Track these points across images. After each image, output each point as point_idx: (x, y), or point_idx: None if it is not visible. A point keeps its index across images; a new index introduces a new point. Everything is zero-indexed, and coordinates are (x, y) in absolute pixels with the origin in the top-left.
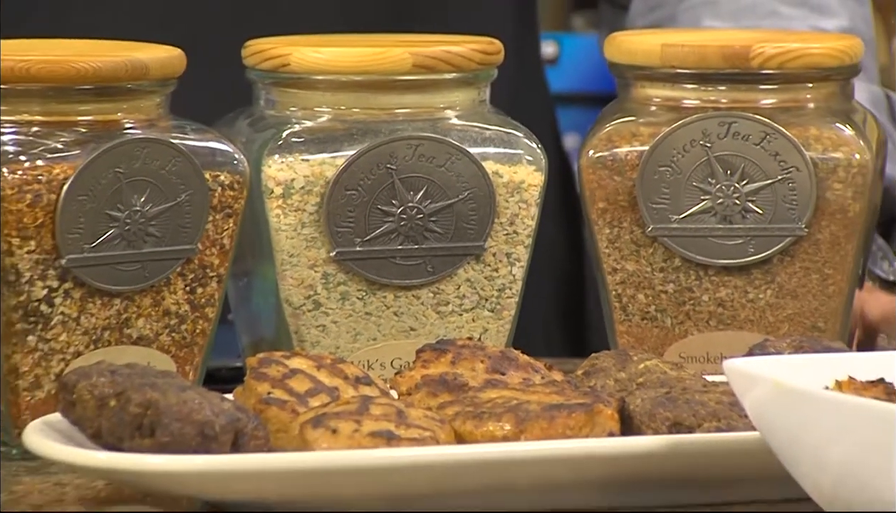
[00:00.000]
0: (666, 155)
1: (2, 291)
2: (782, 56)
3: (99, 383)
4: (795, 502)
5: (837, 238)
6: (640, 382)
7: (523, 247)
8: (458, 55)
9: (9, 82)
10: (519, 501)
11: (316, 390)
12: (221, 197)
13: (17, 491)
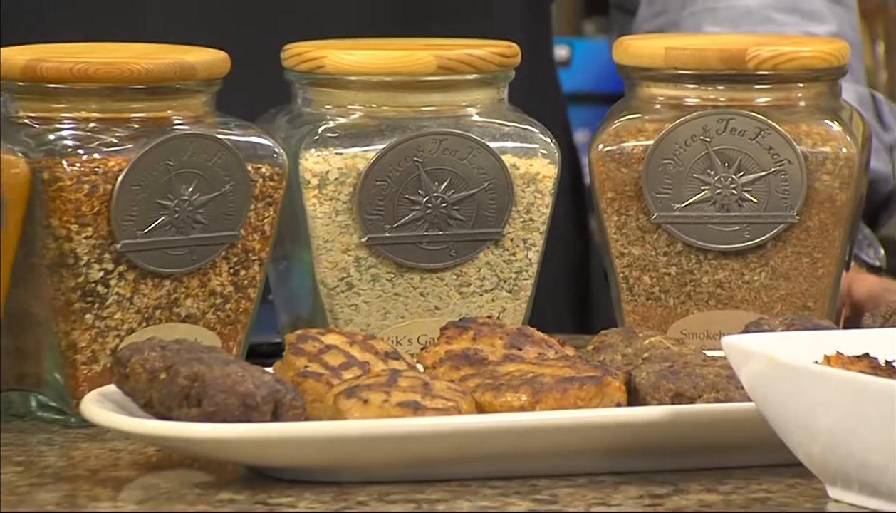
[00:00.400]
0: (669, 149)
1: (62, 273)
2: (776, 58)
3: (150, 358)
4: (788, 468)
5: (826, 225)
6: (645, 356)
7: (538, 233)
8: (479, 58)
9: (68, 82)
10: (534, 465)
11: (349, 364)
12: (262, 187)
13: (76, 456)
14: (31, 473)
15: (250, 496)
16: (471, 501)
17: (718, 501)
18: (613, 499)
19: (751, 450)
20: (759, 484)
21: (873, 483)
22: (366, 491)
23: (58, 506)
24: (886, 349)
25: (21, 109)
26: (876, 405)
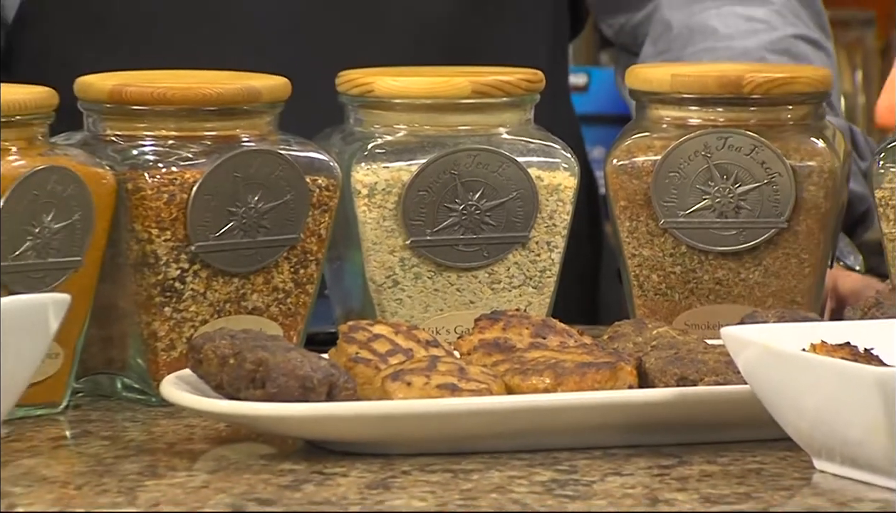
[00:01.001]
0: (674, 163)
1: (144, 271)
2: (768, 84)
3: (220, 345)
4: (779, 442)
5: (812, 230)
6: (653, 345)
7: (560, 237)
8: (509, 83)
9: (149, 105)
10: (556, 441)
11: (394, 351)
12: (319, 196)
13: (156, 431)
14: (116, 445)
15: (308, 466)
16: (501, 471)
17: (718, 471)
18: (625, 469)
19: (746, 427)
20: (754, 456)
21: (853, 456)
22: (409, 462)
23: (142, 472)
24: (865, 339)
25: (108, 128)
26: (856, 388)
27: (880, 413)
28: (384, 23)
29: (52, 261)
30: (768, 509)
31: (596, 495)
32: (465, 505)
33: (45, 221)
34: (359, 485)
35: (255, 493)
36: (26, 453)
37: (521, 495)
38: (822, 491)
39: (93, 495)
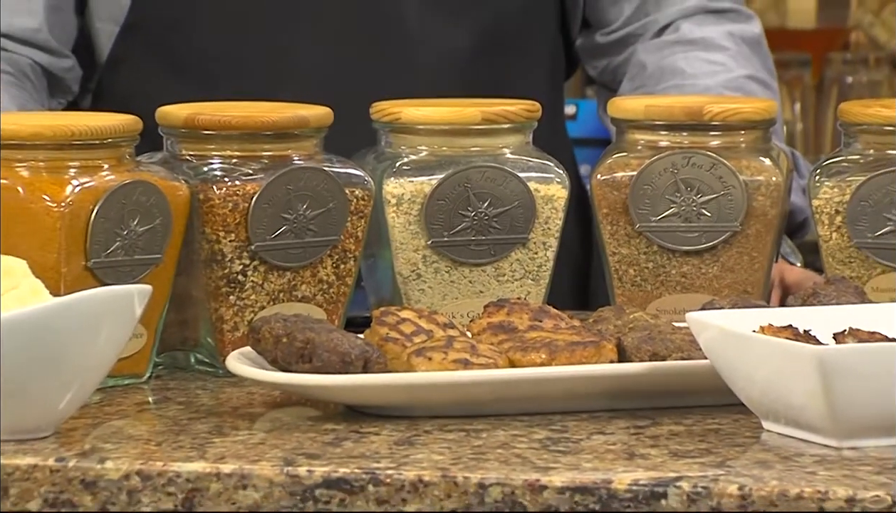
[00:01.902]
0: (647, 178)
1: (212, 266)
2: (724, 113)
3: (275, 327)
4: (734, 407)
5: (760, 233)
6: (630, 327)
7: (554, 238)
8: (512, 112)
9: (216, 130)
10: (551, 406)
11: (418, 332)
12: (356, 205)
13: (222, 398)
14: (189, 409)
15: (346, 427)
16: (505, 430)
17: (683, 430)
18: (608, 429)
19: (707, 394)
20: (713, 419)
21: (795, 418)
22: (430, 423)
23: (211, 431)
24: (805, 322)
25: (183, 149)
26: (797, 362)
27: (817, 383)
28: (410, 62)
29: (137, 258)
30: (725, 462)
31: (583, 451)
32: (475, 459)
33: (132, 225)
34: (388, 442)
35: (304, 449)
36: (115, 415)
37: (521, 450)
38: (770, 447)
39: (170, 450)
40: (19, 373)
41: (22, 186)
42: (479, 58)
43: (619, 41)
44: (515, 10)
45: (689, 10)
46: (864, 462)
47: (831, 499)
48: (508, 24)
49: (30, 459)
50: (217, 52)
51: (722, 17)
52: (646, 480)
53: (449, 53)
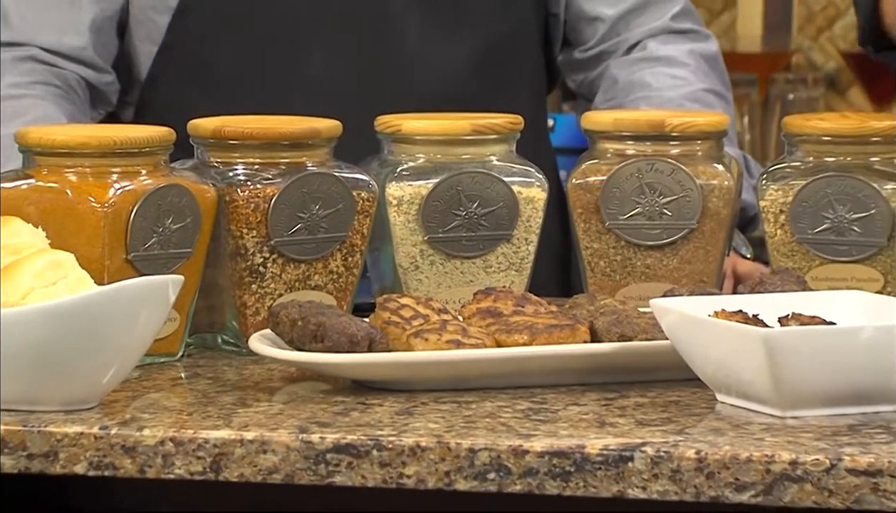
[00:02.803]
0: (616, 182)
1: (237, 259)
2: (683, 125)
3: (292, 312)
4: (691, 382)
5: (714, 230)
6: (601, 312)
7: (535, 234)
8: (498, 124)
9: (240, 140)
10: (531, 380)
11: (416, 317)
12: (362, 205)
13: (245, 374)
14: (217, 383)
15: (354, 398)
16: (492, 402)
17: (647, 402)
18: (581, 401)
19: (668, 370)
20: (674, 392)
21: (745, 391)
22: (426, 395)
23: (235, 403)
24: (753, 307)
25: (211, 157)
26: (746, 343)
27: (764, 361)
28: (410, 80)
29: (171, 252)
30: (683, 430)
31: (560, 420)
32: (466, 427)
33: (166, 223)
34: (390, 412)
35: (316, 418)
36: (152, 389)
37: (506, 419)
38: (723, 417)
39: (200, 419)
40: (68, 352)
41: (70, 190)
42: (472, 75)
43: (594, 58)
44: (504, 34)
45: (655, 31)
46: (806, 430)
47: (777, 462)
48: (498, 45)
49: (77, 427)
50: (242, 69)
51: (683, 37)
52: (615, 445)
53: (445, 72)
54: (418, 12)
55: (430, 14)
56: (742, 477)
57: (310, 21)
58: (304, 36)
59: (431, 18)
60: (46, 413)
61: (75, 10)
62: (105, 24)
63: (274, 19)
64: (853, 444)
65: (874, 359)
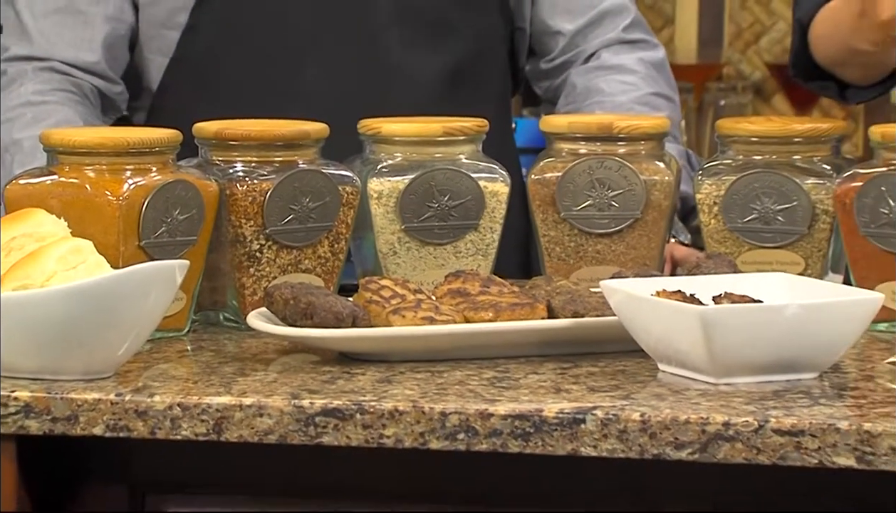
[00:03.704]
0: (570, 178)
1: (236, 246)
2: (629, 127)
3: (285, 292)
4: (636, 352)
5: (656, 219)
6: (557, 292)
7: (498, 224)
8: (466, 127)
9: (240, 141)
10: (496, 352)
11: (394, 296)
12: (346, 199)
13: (244, 347)
14: (219, 355)
15: (340, 368)
16: (462, 371)
17: (598, 371)
18: (540, 370)
19: (616, 343)
20: (621, 362)
21: (683, 361)
22: (404, 366)
23: (235, 372)
24: (690, 287)
25: (213, 156)
26: (684, 318)
27: (700, 334)
28: (391, 89)
29: (178, 239)
30: (629, 395)
31: (521, 387)
32: (438, 393)
33: (174, 214)
34: (372, 381)
35: (306, 386)
36: (161, 360)
37: (474, 386)
38: (664, 384)
39: (204, 387)
40: (88, 328)
41: (89, 185)
42: (446, 85)
43: (557, 67)
44: (475, 48)
45: (609, 42)
46: (737, 395)
47: (711, 423)
48: (469, 58)
49: (95, 394)
50: (244, 79)
51: (634, 47)
52: (569, 409)
53: (423, 82)
54: (399, 31)
55: (410, 32)
56: (681, 437)
57: (305, 38)
58: (299, 51)
59: (411, 36)
60: (68, 382)
61: (89, 29)
62: (116, 41)
63: (273, 37)
64: (778, 407)
65: (797, 333)
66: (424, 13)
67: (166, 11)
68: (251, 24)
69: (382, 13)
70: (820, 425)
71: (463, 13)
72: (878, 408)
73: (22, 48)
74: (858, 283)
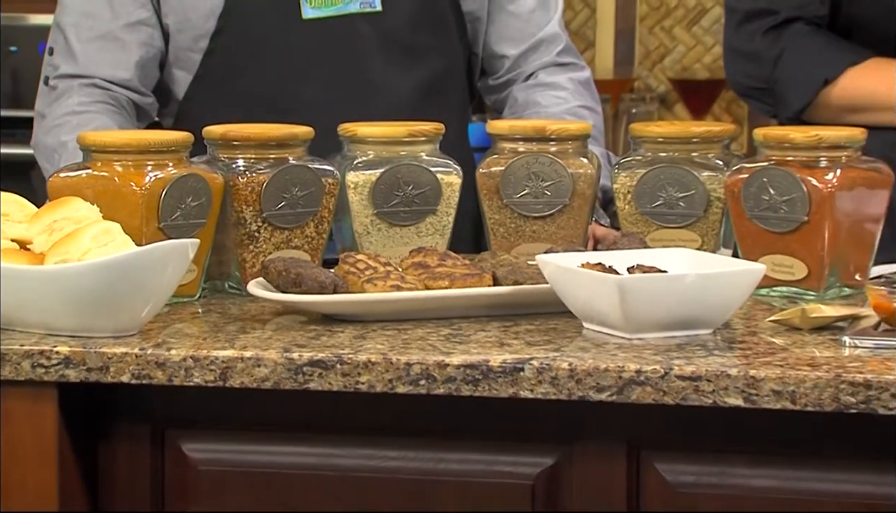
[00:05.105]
0: (512, 171)
1: (238, 227)
2: (559, 130)
3: (278, 265)
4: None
5: (581, 205)
6: (501, 264)
7: (453, 209)
8: (426, 130)
9: (241, 141)
10: (451, 313)
11: (368, 268)
12: (329, 188)
13: (245, 310)
14: (224, 317)
15: (324, 327)
16: (423, 329)
17: (535, 329)
18: (486, 328)
19: (549, 306)
20: (553, 321)
21: (602, 321)
22: (376, 325)
23: (238, 331)
24: (609, 261)
25: (220, 154)
26: (604, 286)
27: (616, 299)
28: (371, 102)
29: (191, 222)
30: (560, 348)
31: (471, 342)
32: (404, 347)
33: (187, 201)
34: (349, 337)
35: (296, 341)
36: (177, 320)
37: (433, 342)
38: (588, 339)
39: (212, 342)
40: (116, 295)
41: (117, 177)
42: (418, 99)
43: (503, 84)
44: (440, 69)
45: (545, 64)
46: (647, 348)
47: (626, 371)
48: (436, 77)
49: (122, 348)
50: (253, 94)
51: (565, 68)
52: (511, 360)
53: (398, 97)
54: (380, 55)
55: (388, 56)
56: (601, 382)
57: (304, 62)
58: (299, 72)
59: (389, 59)
60: (100, 339)
61: (126, 52)
62: (148, 62)
63: (278, 60)
64: (680, 357)
65: (695, 297)
66: (401, 41)
67: (191, 39)
68: (260, 50)
69: (367, 41)
70: (714, 372)
71: (432, 41)
72: (761, 358)
73: (69, 67)
74: (745, 256)
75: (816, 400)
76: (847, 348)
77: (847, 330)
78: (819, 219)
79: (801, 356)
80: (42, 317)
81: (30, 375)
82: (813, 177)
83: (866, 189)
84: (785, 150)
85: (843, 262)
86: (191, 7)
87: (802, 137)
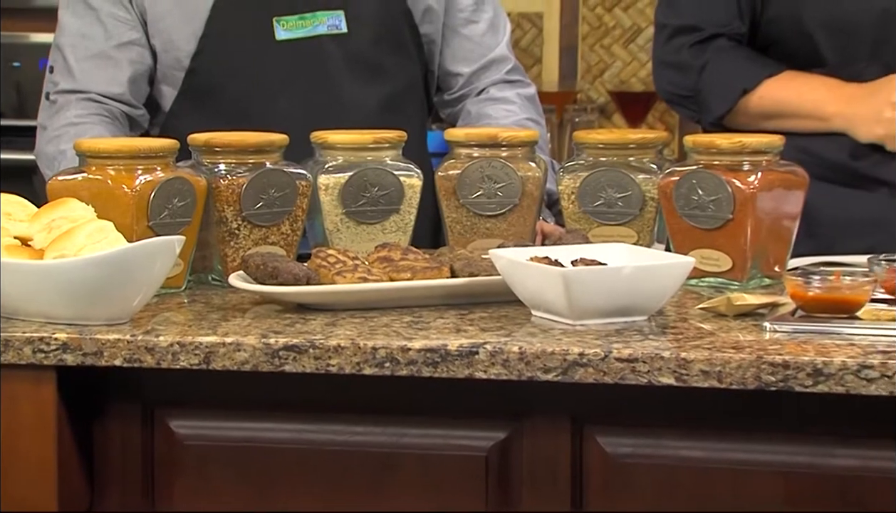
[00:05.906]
0: (467, 174)
1: (220, 225)
2: (509, 137)
3: (256, 259)
4: (516, 303)
5: (529, 205)
6: (458, 258)
7: (414, 208)
8: (390, 138)
9: (223, 147)
10: (413, 303)
11: (338, 262)
12: (302, 190)
13: (226, 299)
14: (208, 306)
15: (297, 316)
16: (387, 317)
17: (488, 316)
18: (445, 316)
19: (501, 295)
20: (505, 309)
21: (549, 308)
22: (344, 314)
23: (220, 318)
24: (554, 254)
25: (203, 159)
26: (550, 277)
27: (561, 288)
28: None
29: (177, 220)
30: (511, 333)
31: (431, 328)
32: (370, 333)
33: (174, 201)
34: (321, 324)
35: (272, 328)
36: (164, 309)
37: (396, 328)
38: (537, 324)
39: (196, 329)
40: (110, 286)
41: (110, 180)
42: (382, 111)
43: (457, 99)
44: (402, 85)
45: (495, 81)
46: (589, 333)
47: (570, 353)
48: (398, 93)
49: (115, 335)
50: (234, 108)
51: (513, 84)
52: (467, 344)
53: (365, 110)
54: (348, 73)
55: (355, 74)
56: (548, 363)
57: (278, 79)
58: (274, 88)
59: (356, 76)
60: (95, 326)
61: (118, 69)
62: (139, 78)
63: (255, 78)
64: (619, 341)
65: (632, 287)
66: (365, 60)
67: (174, 59)
68: (238, 69)
69: (334, 60)
70: (649, 354)
71: (393, 60)
72: (691, 341)
73: (68, 84)
74: (676, 250)
75: (740, 379)
76: (768, 333)
77: (767, 316)
78: (742, 217)
79: (727, 340)
80: (42, 307)
81: (31, 360)
82: (737, 179)
83: (784, 190)
84: (712, 155)
85: (763, 255)
86: (174, 30)
87: (727, 143)
